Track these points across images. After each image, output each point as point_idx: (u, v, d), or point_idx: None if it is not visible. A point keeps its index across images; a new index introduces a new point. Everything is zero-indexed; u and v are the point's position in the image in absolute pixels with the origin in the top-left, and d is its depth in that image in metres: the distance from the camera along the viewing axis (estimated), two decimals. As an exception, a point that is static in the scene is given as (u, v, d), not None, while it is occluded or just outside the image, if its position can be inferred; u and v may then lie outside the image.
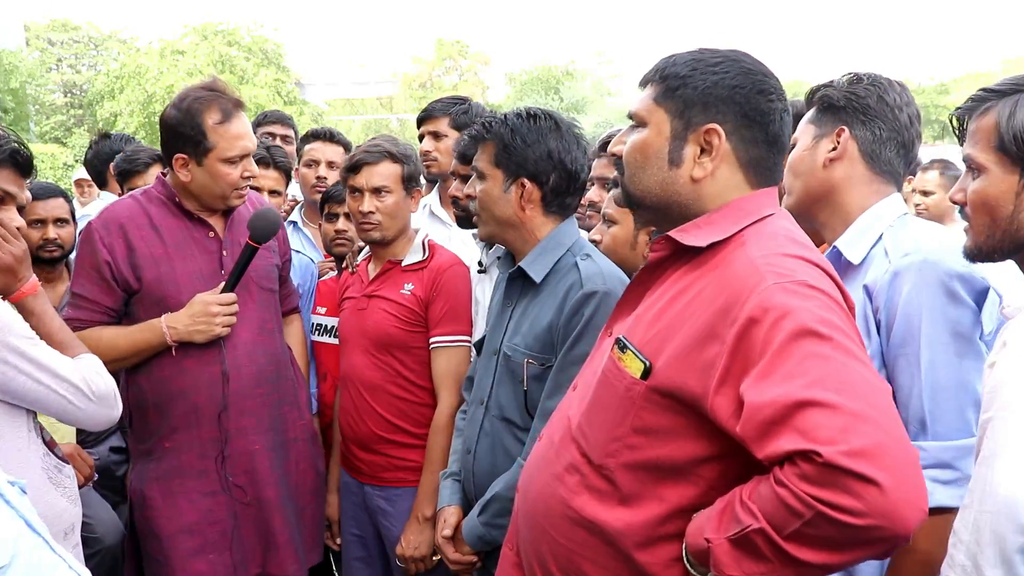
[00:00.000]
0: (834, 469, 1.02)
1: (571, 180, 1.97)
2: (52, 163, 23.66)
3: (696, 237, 1.30)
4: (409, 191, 2.48)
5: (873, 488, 1.01)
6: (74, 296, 2.23)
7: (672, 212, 1.37)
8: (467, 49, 47.79)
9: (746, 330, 1.15)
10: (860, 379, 1.09)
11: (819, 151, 1.70)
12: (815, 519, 1.04)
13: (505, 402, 1.97)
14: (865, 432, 1.04)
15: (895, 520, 1.02)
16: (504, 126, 1.95)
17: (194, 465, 2.27)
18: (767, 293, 1.15)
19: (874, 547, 1.06)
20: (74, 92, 37.19)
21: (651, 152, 1.36)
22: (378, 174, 2.42)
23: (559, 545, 1.39)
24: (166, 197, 2.31)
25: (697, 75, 1.32)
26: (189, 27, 28.36)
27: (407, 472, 2.41)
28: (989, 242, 1.36)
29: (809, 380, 1.07)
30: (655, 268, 1.40)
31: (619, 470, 1.30)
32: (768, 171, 1.36)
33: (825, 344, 1.10)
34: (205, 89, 2.27)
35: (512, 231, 1.99)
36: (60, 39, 37.52)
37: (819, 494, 1.03)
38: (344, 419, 2.50)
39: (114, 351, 2.17)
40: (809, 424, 1.05)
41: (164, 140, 2.29)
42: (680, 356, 1.24)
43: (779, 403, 1.08)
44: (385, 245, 2.48)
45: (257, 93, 26.82)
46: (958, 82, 36.55)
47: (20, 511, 1.05)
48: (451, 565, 2.09)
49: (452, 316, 2.37)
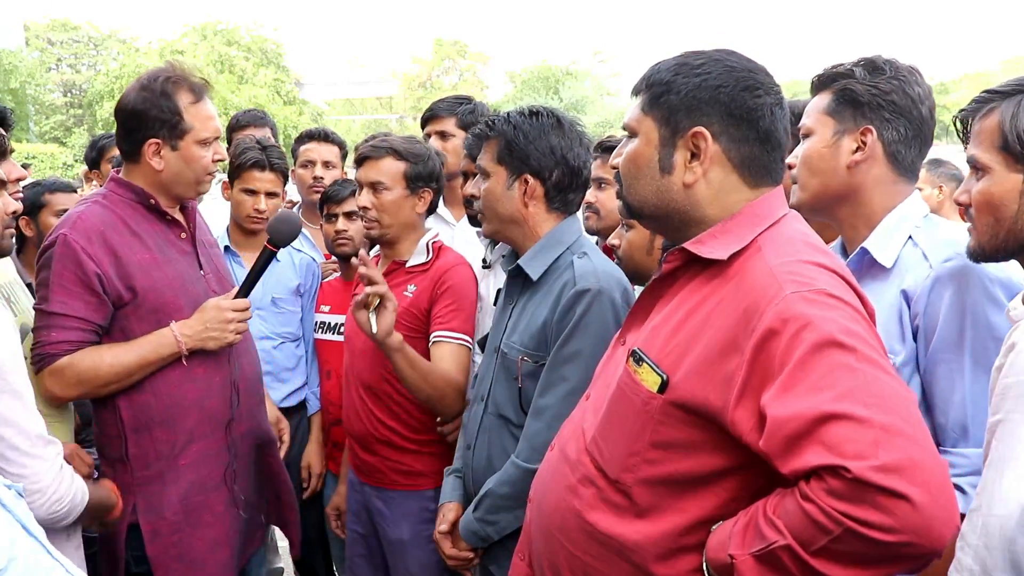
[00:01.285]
0: (864, 485, 1.00)
1: (574, 176, 1.97)
2: (52, 163, 23.66)
3: (714, 249, 1.27)
4: (414, 190, 2.42)
5: (905, 504, 0.99)
6: (54, 316, 1.99)
7: (672, 220, 1.35)
8: (466, 49, 47.80)
9: (765, 341, 1.12)
10: (890, 391, 1.06)
11: (842, 150, 1.66)
12: (844, 535, 1.02)
13: (501, 399, 1.97)
14: (897, 446, 1.01)
15: (928, 536, 0.99)
16: (507, 124, 1.95)
17: (213, 476, 2.17)
18: (786, 303, 1.13)
19: (906, 563, 1.04)
20: (74, 92, 37.18)
21: (643, 162, 1.35)
22: (377, 169, 2.39)
23: (575, 558, 1.38)
24: (135, 198, 2.13)
25: (680, 79, 1.31)
26: (189, 27, 28.39)
27: (402, 476, 2.39)
28: (993, 242, 1.36)
29: (837, 393, 1.05)
30: (667, 278, 1.37)
31: (637, 485, 1.28)
32: (764, 169, 1.32)
33: (850, 355, 1.07)
34: (166, 71, 2.13)
35: (515, 228, 1.99)
36: (60, 39, 37.52)
37: (848, 510, 1.01)
38: (346, 418, 2.51)
39: (119, 370, 2.02)
40: (837, 438, 1.03)
41: (130, 128, 2.10)
42: (699, 369, 1.21)
43: (805, 416, 1.05)
44: (390, 245, 2.47)
45: (257, 93, 26.85)
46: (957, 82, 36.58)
47: (16, 514, 1.05)
48: (448, 561, 2.10)
49: (455, 315, 2.34)
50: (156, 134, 2.08)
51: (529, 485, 1.67)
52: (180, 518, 2.10)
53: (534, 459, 1.78)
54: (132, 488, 2.08)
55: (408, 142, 2.43)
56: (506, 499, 1.87)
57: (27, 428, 1.67)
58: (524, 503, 1.72)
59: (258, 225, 2.86)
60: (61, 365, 1.98)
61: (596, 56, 46.24)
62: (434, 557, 2.40)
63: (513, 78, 42.78)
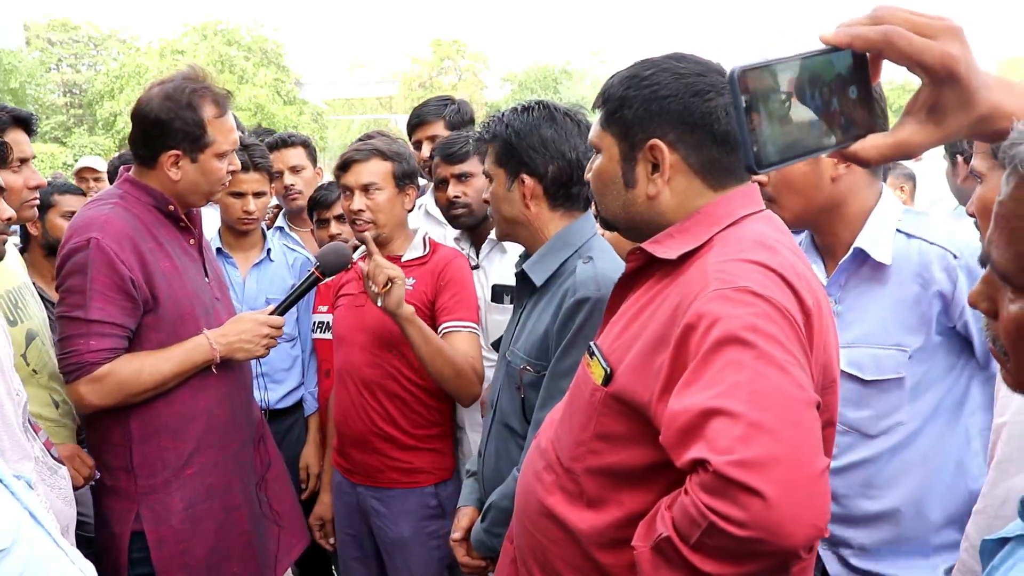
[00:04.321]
0: (724, 479, 1.01)
1: (572, 168, 1.88)
2: (52, 163, 23.66)
3: (667, 249, 1.29)
4: (402, 188, 2.45)
5: (758, 500, 0.99)
6: (93, 324, 1.95)
7: (643, 230, 1.36)
8: (465, 49, 47.82)
9: (684, 337, 1.14)
10: (772, 389, 1.05)
11: (823, 165, 1.70)
12: (709, 529, 1.03)
13: (507, 408, 1.95)
14: (760, 443, 1.01)
15: (778, 534, 0.99)
16: (500, 124, 1.92)
17: (217, 485, 2.16)
18: (706, 299, 1.14)
19: (762, 560, 1.04)
20: (74, 92, 37.19)
21: (607, 178, 1.37)
22: (367, 171, 2.41)
23: (536, 541, 1.41)
24: (153, 202, 2.12)
25: (631, 92, 1.32)
26: (189, 27, 28.39)
27: (400, 474, 2.40)
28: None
29: (721, 389, 1.06)
30: (632, 278, 1.39)
31: (584, 474, 1.32)
32: (726, 171, 1.32)
33: (747, 352, 1.07)
34: (191, 80, 2.11)
35: (522, 230, 1.95)
36: (60, 39, 37.53)
37: (711, 503, 1.02)
38: (340, 417, 2.49)
39: (157, 378, 2.01)
40: (712, 433, 1.04)
41: (151, 135, 2.08)
42: (635, 363, 1.24)
43: (692, 411, 1.07)
44: (382, 244, 2.47)
45: (257, 93, 26.86)
46: (957, 82, 36.41)
47: (24, 503, 1.07)
48: (462, 567, 2.08)
49: (461, 304, 2.36)
50: (177, 145, 2.07)
51: None
52: (187, 526, 2.09)
53: None
54: (136, 496, 2.06)
55: (388, 143, 2.47)
56: (507, 513, 1.84)
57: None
58: None
59: (250, 226, 2.87)
60: (102, 373, 1.97)
61: (596, 56, 46.33)
62: (435, 554, 2.40)
63: (511, 79, 42.81)
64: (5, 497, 1.05)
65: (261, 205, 2.85)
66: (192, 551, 2.10)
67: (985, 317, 0.80)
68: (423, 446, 2.40)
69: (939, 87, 0.73)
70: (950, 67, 0.71)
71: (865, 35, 0.73)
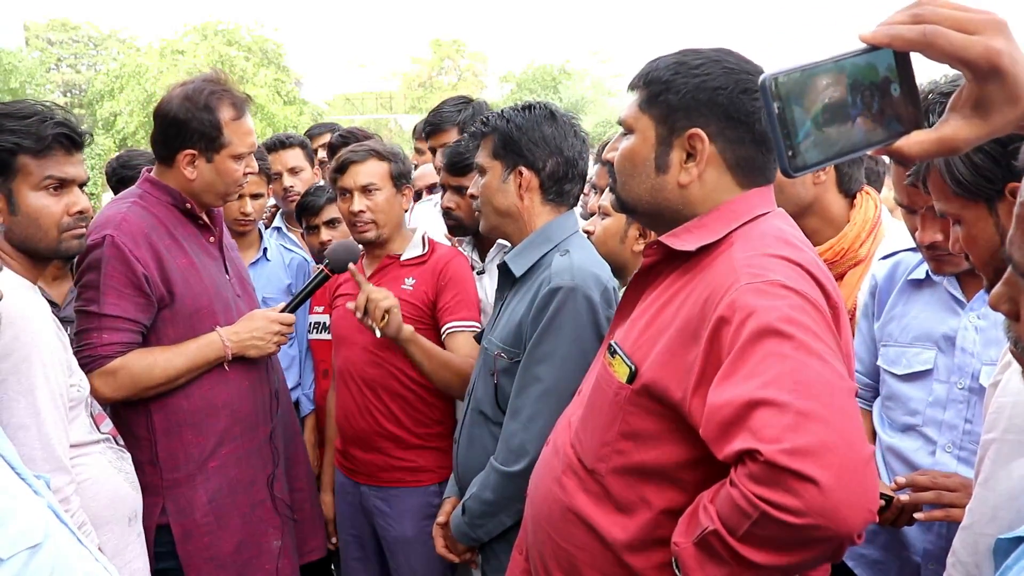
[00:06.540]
0: (776, 468, 1.01)
1: (569, 166, 1.96)
2: (51, 163, 23.56)
3: (686, 241, 1.30)
4: (399, 187, 2.48)
5: (813, 487, 1.00)
6: (106, 319, 2.01)
7: (665, 217, 1.36)
8: (465, 48, 47.82)
9: (717, 331, 1.15)
10: (815, 378, 1.07)
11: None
12: (761, 519, 1.04)
13: (481, 395, 1.98)
14: (811, 431, 1.02)
15: (835, 520, 1.00)
16: (500, 118, 1.97)
17: (242, 479, 2.19)
18: (738, 293, 1.15)
19: (817, 547, 1.05)
20: (74, 92, 37.16)
21: (638, 160, 1.36)
22: (365, 172, 2.43)
23: (560, 548, 1.39)
24: (171, 200, 2.16)
25: (679, 79, 1.31)
26: (189, 27, 28.32)
27: (405, 472, 2.41)
28: (996, 278, 1.35)
29: (765, 380, 1.07)
30: (648, 273, 1.39)
31: (609, 475, 1.31)
32: (759, 170, 1.34)
33: (786, 343, 1.09)
34: (211, 82, 2.16)
35: (511, 223, 1.98)
36: (60, 39, 37.53)
37: (763, 493, 1.03)
38: (343, 417, 2.49)
39: (171, 373, 2.05)
40: (758, 423, 1.05)
41: (169, 135, 2.13)
42: (663, 359, 1.23)
43: (735, 403, 1.07)
44: (381, 244, 2.49)
45: (257, 93, 26.76)
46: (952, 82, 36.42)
47: (48, 501, 1.09)
48: (439, 553, 2.09)
49: (463, 304, 2.38)
50: (194, 145, 2.12)
51: (510, 489, 1.71)
52: (211, 519, 2.13)
53: (511, 461, 1.80)
54: (160, 490, 2.11)
55: (381, 144, 2.51)
56: (488, 504, 1.87)
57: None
58: (506, 508, 1.77)
59: (246, 227, 2.90)
60: (114, 367, 2.01)
61: (596, 56, 46.34)
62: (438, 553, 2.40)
63: (510, 78, 42.80)
64: (29, 494, 1.06)
65: (258, 206, 2.87)
66: (218, 544, 2.13)
67: (1007, 319, 0.80)
68: (428, 445, 2.41)
69: (984, 82, 0.72)
70: (994, 62, 0.70)
71: (904, 35, 0.72)
